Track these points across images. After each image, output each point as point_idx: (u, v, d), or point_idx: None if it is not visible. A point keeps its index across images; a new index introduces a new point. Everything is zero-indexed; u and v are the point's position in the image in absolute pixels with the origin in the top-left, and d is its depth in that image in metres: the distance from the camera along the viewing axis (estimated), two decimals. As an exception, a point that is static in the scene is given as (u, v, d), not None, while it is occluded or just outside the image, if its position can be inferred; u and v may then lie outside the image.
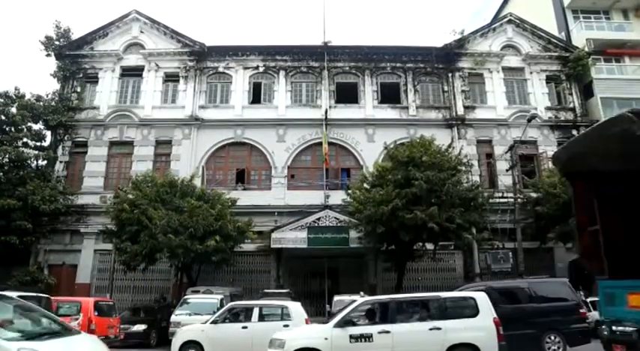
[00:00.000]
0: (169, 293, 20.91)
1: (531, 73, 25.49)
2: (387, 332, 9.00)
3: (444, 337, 8.98)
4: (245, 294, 19.51)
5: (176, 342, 11.28)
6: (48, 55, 25.09)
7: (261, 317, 11.67)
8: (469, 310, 9.58)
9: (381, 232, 16.93)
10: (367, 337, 8.95)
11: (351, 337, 8.97)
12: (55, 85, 27.88)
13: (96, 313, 12.91)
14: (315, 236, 19.68)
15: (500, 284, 14.49)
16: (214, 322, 11.48)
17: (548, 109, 24.88)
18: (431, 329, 9.07)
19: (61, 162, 23.43)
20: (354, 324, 9.29)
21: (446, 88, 25.08)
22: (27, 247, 20.93)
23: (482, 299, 9.68)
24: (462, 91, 24.90)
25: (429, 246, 18.39)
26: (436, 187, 16.78)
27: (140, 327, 15.94)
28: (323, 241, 19.63)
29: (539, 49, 25.93)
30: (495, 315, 9.49)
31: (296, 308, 11.89)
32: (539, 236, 19.64)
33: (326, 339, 9.00)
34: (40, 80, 61.47)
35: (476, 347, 8.97)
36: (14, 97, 22.68)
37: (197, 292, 17.00)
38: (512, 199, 20.31)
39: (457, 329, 9.14)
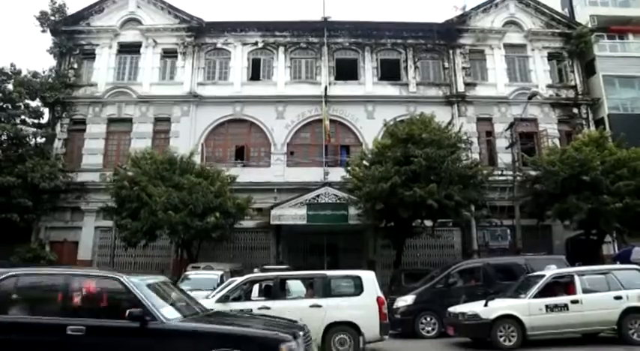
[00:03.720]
0: (169, 269, 21.08)
1: (533, 50, 25.19)
2: (267, 308, 8.95)
3: (323, 315, 9.01)
4: (245, 270, 19.67)
5: None
6: (43, 31, 24.72)
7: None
8: (353, 288, 9.61)
9: (380, 208, 16.99)
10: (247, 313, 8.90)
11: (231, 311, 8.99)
12: (51, 62, 27.57)
13: (98, 289, 12.97)
14: (314, 213, 19.74)
15: (497, 261, 14.70)
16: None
17: (549, 86, 24.67)
18: (311, 306, 9.13)
19: (59, 139, 23.35)
20: (236, 300, 9.39)
21: (446, 65, 24.84)
22: (28, 224, 21.01)
23: (368, 278, 9.64)
24: (463, 68, 24.65)
25: (428, 223, 18.48)
26: (435, 164, 16.78)
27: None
28: (322, 218, 19.70)
29: (541, 25, 25.57)
30: (380, 294, 9.46)
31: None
32: (538, 214, 19.73)
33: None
34: (36, 57, 60.80)
35: (356, 325, 8.99)
36: (10, 73, 22.46)
37: (197, 268, 17.09)
38: (511, 177, 20.36)
39: (338, 307, 9.17)
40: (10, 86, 22.11)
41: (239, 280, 10.10)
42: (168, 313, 5.64)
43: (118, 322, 5.47)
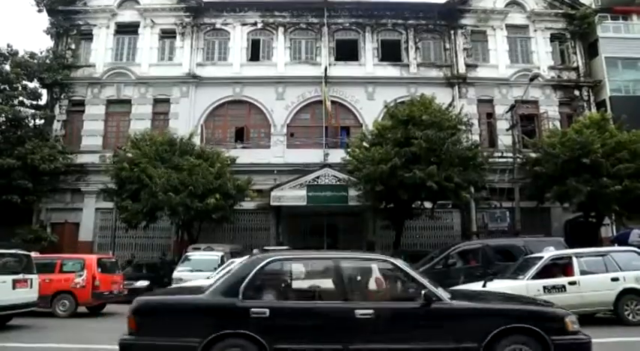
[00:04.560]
0: (170, 250, 21.24)
1: (535, 31, 24.90)
2: None
3: None
4: (245, 251, 19.81)
5: None
6: (40, 10, 24.40)
7: None
8: None
9: (379, 190, 17.01)
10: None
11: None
12: (48, 43, 27.34)
13: (99, 270, 13.10)
14: (314, 194, 19.78)
15: (496, 242, 14.79)
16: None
17: (551, 68, 24.47)
18: None
19: (58, 121, 23.25)
20: None
21: (448, 46, 24.60)
22: (29, 206, 21.11)
23: None
24: (464, 49, 24.42)
25: (428, 204, 18.55)
26: (436, 146, 16.74)
27: (143, 283, 16.33)
28: (322, 199, 19.76)
29: (544, 6, 25.22)
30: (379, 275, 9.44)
31: None
32: (537, 196, 19.74)
33: None
34: (32, 37, 60.13)
35: None
36: (7, 54, 22.29)
37: (198, 249, 17.23)
38: (511, 159, 20.33)
39: None
40: (7, 67, 21.97)
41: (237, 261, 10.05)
42: (444, 294, 5.56)
43: (405, 304, 5.50)
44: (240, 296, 5.32)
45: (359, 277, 5.94)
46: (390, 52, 24.24)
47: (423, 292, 5.33)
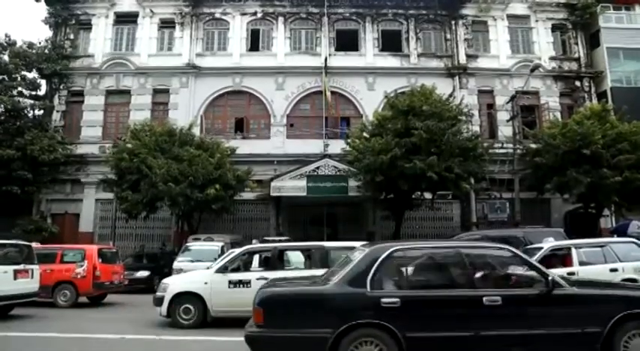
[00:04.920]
0: (170, 241, 21.29)
1: (537, 21, 24.76)
2: (265, 279, 8.84)
3: None
4: (245, 241, 19.86)
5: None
6: (37, 0, 24.27)
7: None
8: None
9: (379, 181, 16.99)
10: (246, 283, 9.14)
11: (230, 282, 9.20)
12: (47, 33, 27.18)
13: (100, 260, 13.14)
14: (314, 185, 19.77)
15: (496, 233, 14.77)
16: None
17: (552, 58, 24.37)
18: None
19: (57, 111, 23.18)
20: (235, 270, 9.50)
21: (448, 36, 24.46)
22: (29, 196, 21.13)
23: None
24: (465, 39, 24.30)
25: (428, 195, 18.56)
26: (436, 136, 16.69)
27: (143, 273, 16.39)
28: (322, 190, 19.74)
29: (546, -5, 25.08)
30: None
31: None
32: (537, 187, 19.73)
33: (206, 284, 9.29)
34: (30, 27, 59.83)
35: None
36: (5, 44, 22.17)
37: (198, 239, 17.27)
38: (511, 150, 20.31)
39: None
40: (5, 57, 21.86)
41: (237, 251, 10.19)
42: (563, 281, 5.68)
43: (529, 290, 5.58)
44: (368, 287, 5.37)
45: (482, 265, 6.01)
46: (391, 43, 24.09)
47: (546, 278, 5.50)
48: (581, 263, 10.52)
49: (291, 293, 5.85)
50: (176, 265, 14.83)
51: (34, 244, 12.82)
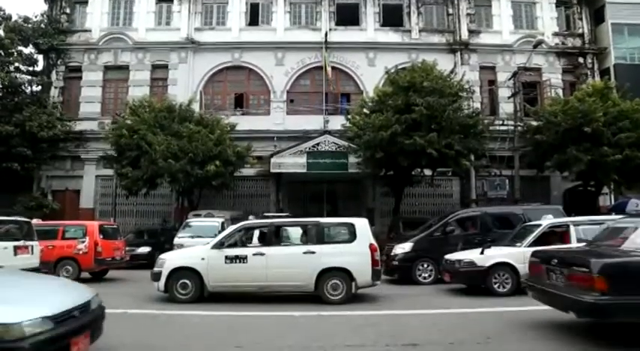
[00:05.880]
0: (171, 217, 21.40)
1: (541, -5, 24.36)
2: (262, 254, 9.25)
3: (317, 261, 9.21)
4: (245, 217, 19.95)
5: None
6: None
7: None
8: (347, 235, 9.74)
9: (379, 157, 16.98)
10: (242, 259, 9.24)
11: (226, 258, 9.27)
12: (42, 6, 26.67)
13: (101, 236, 13.21)
14: (314, 161, 19.76)
15: (495, 210, 14.81)
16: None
17: (555, 34, 24.04)
18: (305, 253, 9.32)
19: (55, 87, 23.01)
20: (231, 246, 9.54)
21: (450, 11, 24.06)
22: (29, 173, 21.12)
23: (361, 225, 9.73)
24: (467, 14, 23.90)
25: (427, 172, 18.59)
26: (436, 113, 16.60)
27: (144, 249, 16.52)
28: (322, 166, 19.73)
29: (550, -31, 24.56)
30: (373, 241, 9.60)
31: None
32: (537, 164, 19.71)
33: (203, 259, 9.34)
34: (25, 1, 58.69)
35: (349, 271, 9.22)
36: (0, 18, 21.81)
37: (199, 215, 17.37)
38: (512, 127, 20.22)
39: (331, 253, 9.36)
40: (0, 32, 21.51)
41: (233, 227, 10.25)
42: None
43: None
44: None
45: None
46: (392, 17, 23.71)
47: None
48: (580, 240, 10.57)
49: (631, 262, 5.94)
50: (177, 241, 14.94)
51: (35, 221, 12.87)
